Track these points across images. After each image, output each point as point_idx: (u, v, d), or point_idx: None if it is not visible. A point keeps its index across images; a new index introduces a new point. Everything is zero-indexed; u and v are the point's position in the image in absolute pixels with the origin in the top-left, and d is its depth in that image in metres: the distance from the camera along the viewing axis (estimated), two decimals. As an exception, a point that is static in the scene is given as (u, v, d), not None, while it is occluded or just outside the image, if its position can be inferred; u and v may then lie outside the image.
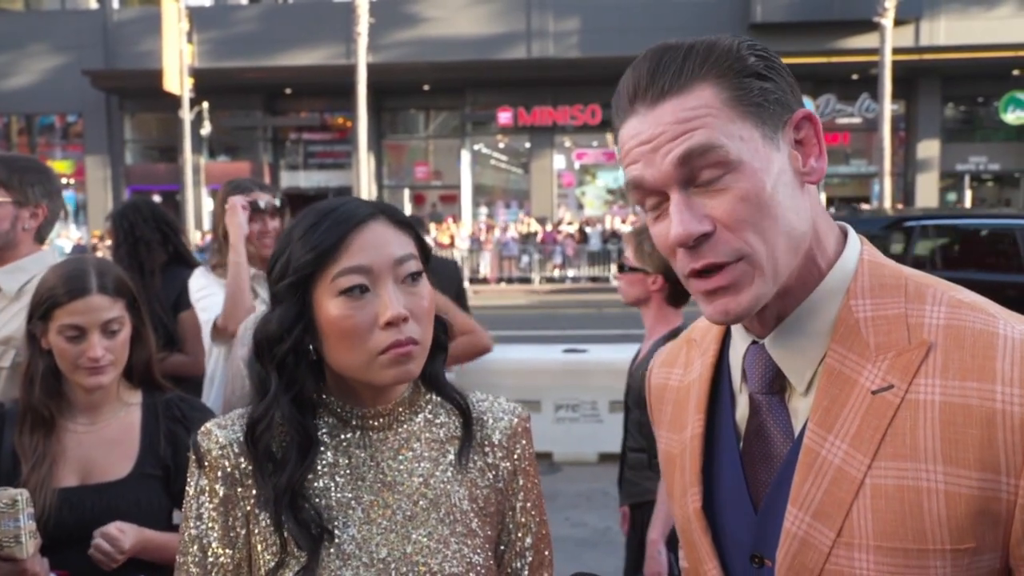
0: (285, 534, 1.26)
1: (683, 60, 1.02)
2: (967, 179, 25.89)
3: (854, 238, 1.10)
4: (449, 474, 1.35)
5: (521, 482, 1.42)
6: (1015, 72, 23.96)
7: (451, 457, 1.36)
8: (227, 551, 1.29)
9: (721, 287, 1.02)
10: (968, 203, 24.93)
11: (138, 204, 3.86)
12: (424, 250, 1.35)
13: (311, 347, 1.30)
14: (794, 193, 1.03)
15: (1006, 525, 0.96)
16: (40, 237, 2.65)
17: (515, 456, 1.41)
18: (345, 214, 1.29)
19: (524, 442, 1.43)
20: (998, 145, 25.61)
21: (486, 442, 1.39)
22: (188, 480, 1.34)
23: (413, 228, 1.34)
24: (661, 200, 1.04)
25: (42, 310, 1.95)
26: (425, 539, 1.29)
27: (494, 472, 1.39)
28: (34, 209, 2.58)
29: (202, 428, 1.34)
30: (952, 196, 25.51)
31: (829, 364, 1.04)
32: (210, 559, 1.29)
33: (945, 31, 23.88)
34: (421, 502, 1.31)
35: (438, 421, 1.39)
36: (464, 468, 1.36)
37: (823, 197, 22.03)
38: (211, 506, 1.30)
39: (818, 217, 1.07)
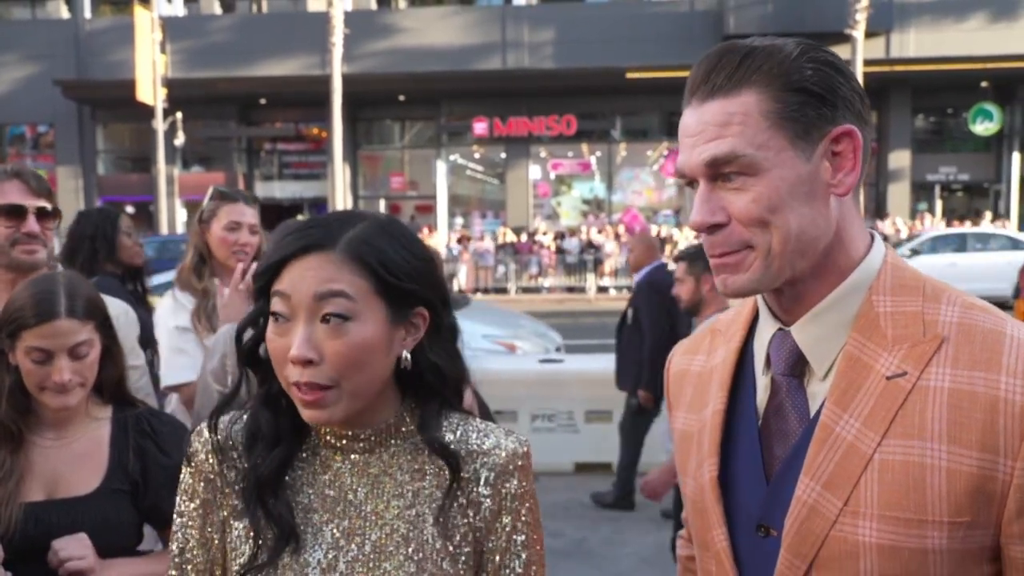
0: (259, 541, 1.26)
1: (738, 64, 1.13)
2: (937, 189, 26.23)
3: (879, 243, 1.20)
4: (425, 509, 1.30)
5: (505, 522, 1.33)
6: (983, 84, 24.33)
7: (431, 491, 1.31)
8: (201, 552, 1.32)
9: (725, 264, 1.16)
10: (939, 213, 25.24)
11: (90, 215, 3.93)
12: (394, 290, 1.26)
13: None
14: (812, 201, 1.13)
15: (1000, 503, 1.05)
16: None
17: (502, 495, 1.32)
18: (298, 236, 1.25)
19: (515, 481, 1.33)
20: (967, 156, 25.97)
21: (472, 477, 1.32)
22: (181, 476, 1.37)
23: (371, 266, 1.24)
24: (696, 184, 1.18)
25: (10, 329, 1.92)
26: (390, 574, 1.26)
27: (475, 510, 1.31)
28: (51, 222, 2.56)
29: (198, 427, 1.36)
30: (923, 206, 25.81)
31: (849, 351, 1.14)
32: (187, 555, 1.33)
33: (915, 43, 24.21)
34: (394, 536, 1.28)
35: (424, 450, 1.33)
36: (443, 506, 1.30)
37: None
38: (192, 506, 1.33)
39: (847, 224, 1.16)
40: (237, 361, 1.34)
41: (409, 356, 1.30)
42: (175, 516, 1.35)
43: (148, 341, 3.28)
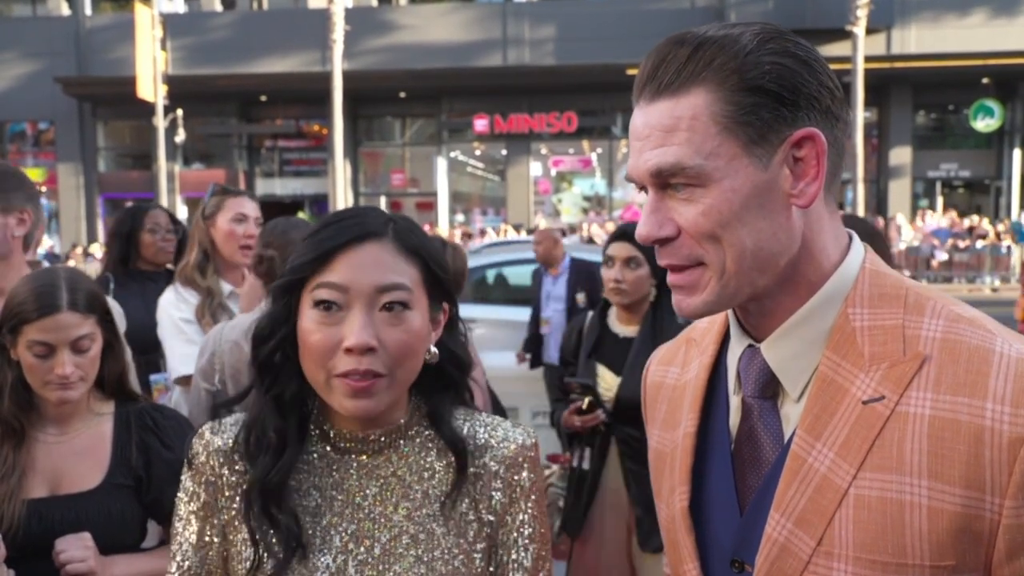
0: (260, 550, 1.25)
1: (687, 59, 1.01)
2: (938, 186, 26.20)
3: (857, 246, 1.09)
4: (435, 508, 1.29)
5: (518, 514, 1.33)
6: (984, 80, 24.29)
7: (440, 490, 1.30)
8: (197, 554, 1.30)
9: (678, 284, 1.06)
10: (940, 210, 25.21)
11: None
12: (436, 281, 1.29)
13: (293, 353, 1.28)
14: (771, 213, 1.01)
15: (988, 545, 0.94)
16: (26, 244, 2.54)
17: (512, 487, 1.32)
18: (349, 226, 1.25)
19: (525, 472, 1.34)
20: (968, 152, 25.93)
21: (483, 471, 1.32)
22: (181, 478, 1.35)
23: (422, 257, 1.27)
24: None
25: (11, 324, 1.92)
26: None
27: (487, 503, 1.31)
28: (20, 215, 2.46)
29: (200, 430, 1.35)
30: (924, 203, 25.79)
31: (822, 372, 1.03)
32: (186, 557, 1.32)
33: (916, 39, 24.17)
34: (403, 537, 1.27)
35: (433, 447, 1.33)
36: (446, 501, 1.30)
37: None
38: (191, 509, 1.32)
39: (815, 234, 1.05)
40: (252, 364, 1.31)
41: (436, 350, 1.31)
42: (175, 518, 1.34)
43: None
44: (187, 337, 3.05)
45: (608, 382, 3.15)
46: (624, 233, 3.15)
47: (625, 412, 3.03)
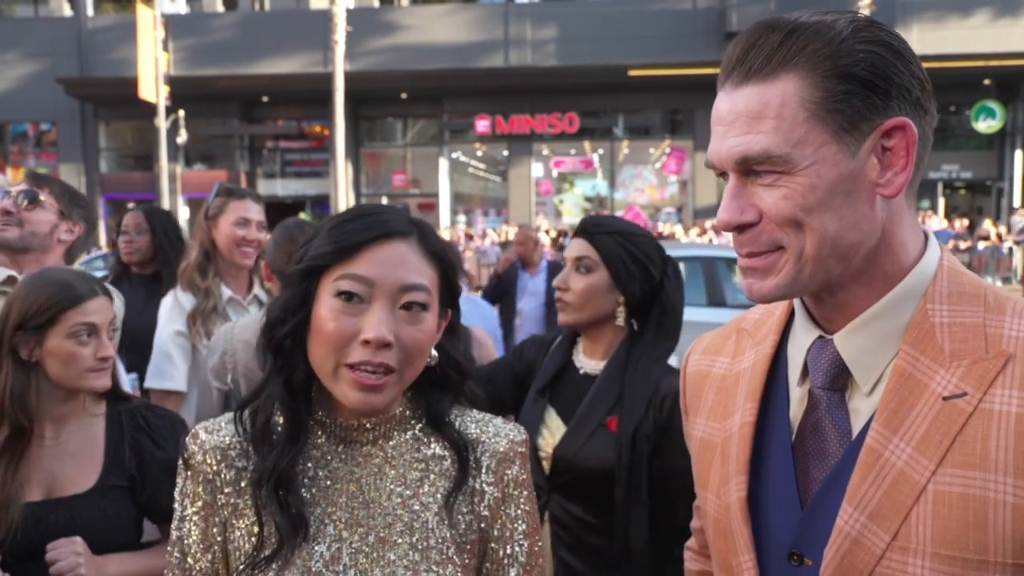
0: (263, 535, 1.25)
1: (779, 44, 1.00)
2: (940, 187, 26.17)
3: (934, 244, 1.09)
4: (429, 498, 1.31)
5: (511, 509, 1.35)
6: (986, 81, 24.27)
7: (433, 479, 1.33)
8: (206, 555, 1.31)
9: (753, 267, 1.06)
10: (941, 211, 25.19)
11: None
12: (449, 286, 1.33)
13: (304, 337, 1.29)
14: (855, 202, 1.01)
15: None
16: (70, 258, 2.80)
17: (504, 482, 1.35)
18: (378, 222, 1.28)
19: (516, 468, 1.36)
20: (970, 153, 25.90)
21: (474, 466, 1.34)
22: (177, 480, 1.35)
23: (442, 261, 1.31)
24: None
25: (45, 317, 1.91)
26: (395, 564, 1.26)
27: (479, 497, 1.34)
28: (71, 225, 2.76)
29: (192, 430, 1.35)
30: (925, 203, 25.77)
31: (899, 366, 1.03)
32: (189, 561, 1.31)
33: (918, 40, 24.13)
34: (397, 525, 1.29)
35: (427, 440, 1.35)
36: (450, 497, 1.32)
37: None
38: (192, 510, 1.32)
39: (895, 227, 1.05)
40: (265, 346, 1.32)
41: (436, 353, 1.34)
42: (175, 521, 1.33)
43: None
44: (166, 351, 3.08)
45: (552, 433, 2.25)
46: (583, 228, 2.28)
47: (563, 478, 2.19)
